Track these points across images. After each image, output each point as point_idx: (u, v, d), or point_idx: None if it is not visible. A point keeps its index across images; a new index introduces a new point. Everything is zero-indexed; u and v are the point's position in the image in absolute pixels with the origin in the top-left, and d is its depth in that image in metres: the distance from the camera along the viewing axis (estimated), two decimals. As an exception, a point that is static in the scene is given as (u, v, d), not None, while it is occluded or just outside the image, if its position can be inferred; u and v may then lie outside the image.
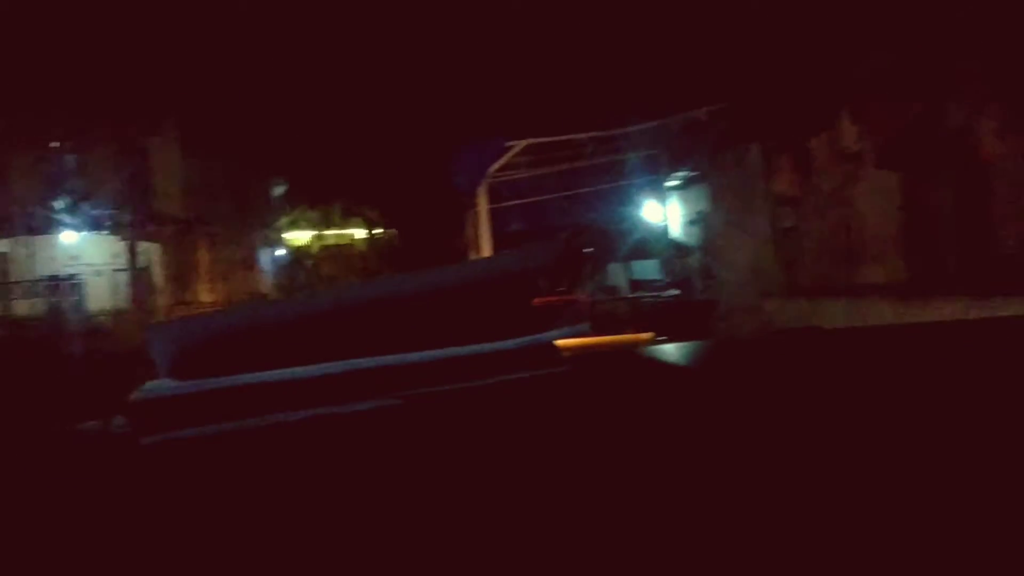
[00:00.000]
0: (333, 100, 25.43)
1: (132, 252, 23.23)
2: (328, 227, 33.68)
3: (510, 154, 13.89)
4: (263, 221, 31.67)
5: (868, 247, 11.19)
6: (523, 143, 13.69)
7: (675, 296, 16.41)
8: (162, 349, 1.53)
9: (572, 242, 15.22)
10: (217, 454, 1.32)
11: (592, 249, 16.73)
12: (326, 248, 33.43)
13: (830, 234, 12.02)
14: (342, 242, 33.98)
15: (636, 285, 17.27)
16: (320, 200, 32.71)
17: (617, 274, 18.00)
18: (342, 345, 1.52)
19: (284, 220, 32.86)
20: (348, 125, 26.86)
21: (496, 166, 14.10)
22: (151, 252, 24.40)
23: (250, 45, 24.36)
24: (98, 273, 22.83)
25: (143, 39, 24.00)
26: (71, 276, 22.32)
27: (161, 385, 1.48)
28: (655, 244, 18.34)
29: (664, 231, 18.69)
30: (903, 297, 9.75)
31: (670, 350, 2.18)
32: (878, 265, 10.98)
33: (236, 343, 1.58)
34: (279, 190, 33.08)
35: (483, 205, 14.28)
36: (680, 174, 18.84)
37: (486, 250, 14.23)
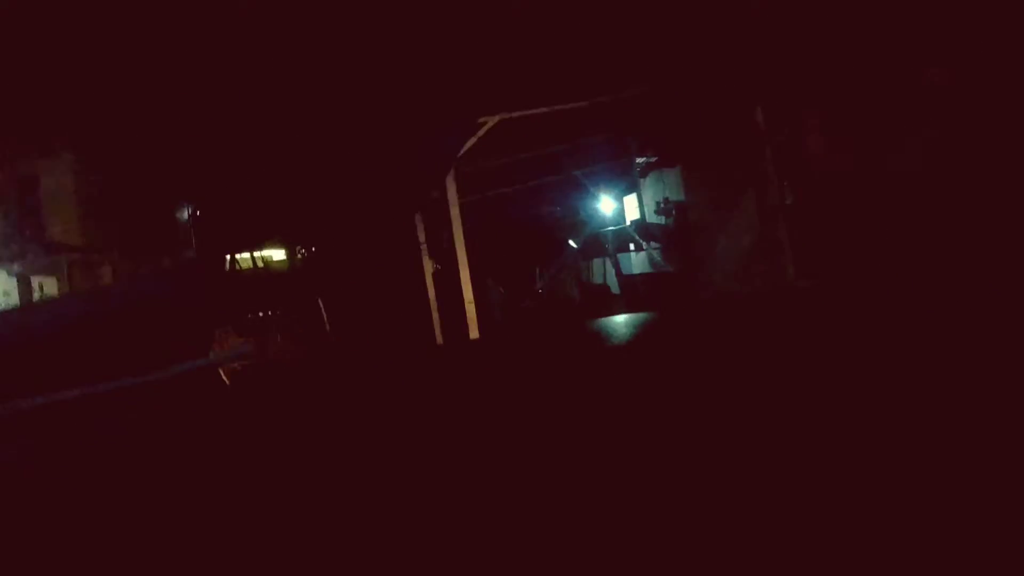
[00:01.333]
0: (244, 96, 22.91)
1: (26, 288, 20.91)
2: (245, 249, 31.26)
3: (481, 131, 11.76)
4: (173, 246, 29.23)
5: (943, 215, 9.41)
6: (496, 118, 11.57)
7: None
8: None
9: (196, 266, 14.01)
10: None
11: (574, 244, 14.98)
12: (240, 272, 31.01)
13: (890, 201, 10.20)
14: (262, 264, 31.74)
15: (627, 280, 15.37)
16: (234, 219, 30.24)
17: (602, 270, 16.12)
18: None
19: (195, 244, 30.37)
20: (264, 127, 24.38)
21: (466, 147, 11.95)
22: (48, 286, 22.02)
23: (141, 44, 21.69)
24: (-14, 315, 20.24)
25: (22, 50, 21.31)
26: (-47, 321, 19.78)
27: None
28: (636, 235, 16.54)
29: (643, 221, 16.93)
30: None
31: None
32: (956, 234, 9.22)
33: None
34: (187, 212, 30.74)
35: (453, 198, 12.11)
36: (649, 158, 17.13)
37: (460, 252, 12.09)
